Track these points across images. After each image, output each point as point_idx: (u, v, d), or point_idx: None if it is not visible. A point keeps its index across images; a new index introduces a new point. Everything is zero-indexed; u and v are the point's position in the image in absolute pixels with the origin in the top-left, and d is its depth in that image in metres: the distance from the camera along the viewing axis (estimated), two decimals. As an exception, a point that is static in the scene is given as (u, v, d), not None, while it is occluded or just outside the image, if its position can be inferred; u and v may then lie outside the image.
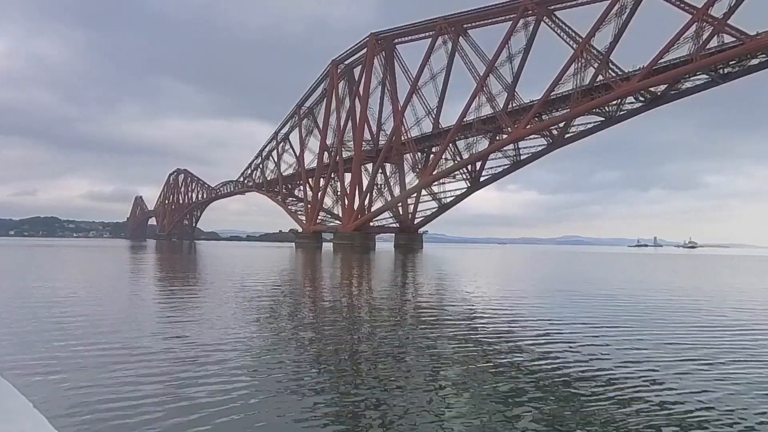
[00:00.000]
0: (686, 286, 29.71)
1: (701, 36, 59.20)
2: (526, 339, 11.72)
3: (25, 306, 15.64)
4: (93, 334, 11.16)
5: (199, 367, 8.41)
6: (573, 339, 11.75)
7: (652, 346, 10.88)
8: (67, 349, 9.58)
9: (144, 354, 9.29)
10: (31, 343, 10.13)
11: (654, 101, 69.28)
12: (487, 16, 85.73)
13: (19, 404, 2.17)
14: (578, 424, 6.25)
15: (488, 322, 14.72)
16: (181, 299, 18.94)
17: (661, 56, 62.26)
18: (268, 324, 13.29)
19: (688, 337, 12.25)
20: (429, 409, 6.69)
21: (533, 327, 13.60)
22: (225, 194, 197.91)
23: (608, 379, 8.26)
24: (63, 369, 8.11)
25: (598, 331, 12.92)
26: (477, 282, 29.92)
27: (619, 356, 9.90)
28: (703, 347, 10.95)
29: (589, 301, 20.07)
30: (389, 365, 8.98)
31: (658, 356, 9.91)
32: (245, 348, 10.02)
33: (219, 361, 8.86)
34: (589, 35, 69.58)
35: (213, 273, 33.81)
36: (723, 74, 61.75)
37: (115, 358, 8.98)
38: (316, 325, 13.44)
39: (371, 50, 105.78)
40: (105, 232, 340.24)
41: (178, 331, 11.68)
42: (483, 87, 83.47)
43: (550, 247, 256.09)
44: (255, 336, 11.31)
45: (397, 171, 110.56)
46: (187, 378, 7.76)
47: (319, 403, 6.82)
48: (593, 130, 77.48)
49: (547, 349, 10.59)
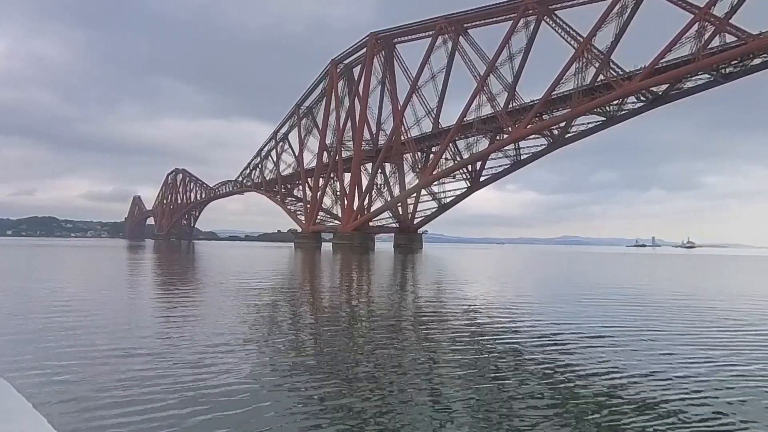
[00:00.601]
0: (697, 285, 29.43)
1: (703, 35, 58.92)
2: (532, 341, 11.57)
3: (21, 306, 15.42)
4: (91, 334, 11.04)
5: (198, 368, 8.33)
6: (578, 340, 11.60)
7: (663, 347, 10.73)
8: (65, 349, 9.52)
9: (143, 355, 9.21)
10: (30, 343, 10.05)
11: (655, 101, 68.99)
12: (488, 16, 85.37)
13: (18, 404, 2.15)
14: (581, 424, 6.18)
15: (494, 323, 14.44)
16: (181, 300, 18.55)
17: (663, 56, 61.98)
18: (271, 325, 13.14)
19: (703, 337, 12.10)
20: (430, 409, 6.65)
21: (540, 329, 13.34)
22: (224, 194, 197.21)
23: (615, 381, 8.13)
24: (62, 369, 8.05)
25: (605, 332, 12.71)
26: (483, 284, 29.56)
27: (628, 359, 9.70)
28: (717, 348, 10.83)
29: (597, 302, 19.71)
30: (391, 366, 8.88)
31: (669, 359, 9.75)
32: (247, 350, 9.90)
33: (219, 362, 8.77)
34: (591, 34, 69.27)
35: (214, 274, 33.38)
36: (725, 74, 61.48)
37: (115, 358, 8.91)
38: (317, 326, 13.30)
39: (371, 50, 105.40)
40: (103, 232, 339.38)
41: (177, 332, 11.58)
42: (483, 86, 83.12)
43: (549, 247, 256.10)
44: (257, 338, 11.10)
45: (396, 171, 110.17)
46: (186, 378, 7.71)
47: (320, 403, 6.81)
48: (594, 129, 77.17)
49: (551, 350, 10.46)
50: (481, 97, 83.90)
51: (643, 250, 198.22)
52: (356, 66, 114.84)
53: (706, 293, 24.32)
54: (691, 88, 66.04)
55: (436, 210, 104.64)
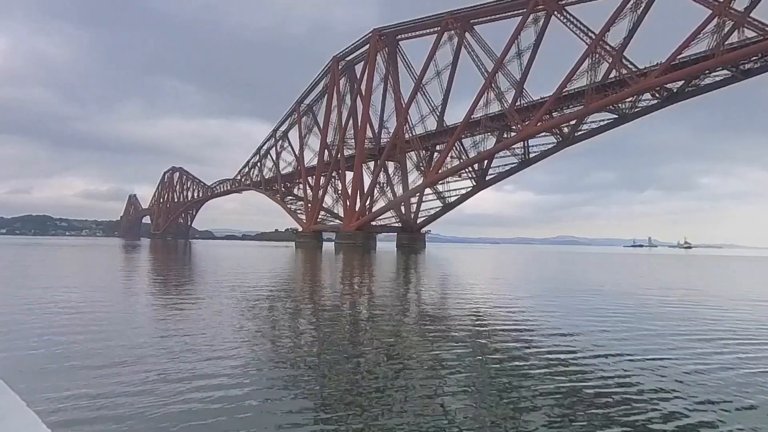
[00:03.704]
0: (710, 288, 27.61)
1: (723, 30, 57.10)
2: (541, 344, 11.19)
3: (17, 305, 14.91)
4: (88, 334, 10.77)
5: (198, 369, 8.18)
6: (583, 341, 11.46)
7: (674, 348, 10.63)
8: (60, 348, 9.39)
9: (141, 355, 8.98)
10: (24, 341, 9.91)
11: (670, 98, 67.12)
12: (496, 12, 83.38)
13: (12, 403, 2.11)
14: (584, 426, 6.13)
15: (506, 325, 13.39)
16: (181, 301, 17.08)
17: (681, 51, 60.10)
18: (276, 327, 12.79)
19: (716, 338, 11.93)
20: (432, 410, 6.59)
21: (550, 333, 12.65)
22: (221, 193, 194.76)
23: (623, 383, 8.04)
24: (57, 368, 7.98)
25: (613, 334, 12.40)
26: (503, 289, 27.61)
27: (638, 361, 9.48)
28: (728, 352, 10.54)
29: (605, 303, 19.10)
30: (393, 368, 8.71)
31: (678, 363, 9.48)
32: (248, 352, 9.63)
33: (219, 362, 8.62)
34: (604, 29, 67.35)
35: (217, 276, 31.14)
36: (744, 70, 59.71)
37: (112, 358, 8.70)
38: (322, 328, 12.92)
39: (374, 46, 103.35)
40: (98, 231, 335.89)
41: (176, 333, 11.26)
42: (492, 83, 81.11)
43: (545, 247, 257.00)
44: (261, 341, 10.76)
45: (399, 169, 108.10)
46: (185, 380, 7.54)
47: (321, 404, 6.77)
48: (605, 127, 75.22)
49: (556, 352, 10.20)
50: (489, 93, 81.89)
51: (640, 251, 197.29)
52: (358, 63, 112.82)
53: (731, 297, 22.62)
54: (708, 85, 64.22)
55: (440, 209, 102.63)
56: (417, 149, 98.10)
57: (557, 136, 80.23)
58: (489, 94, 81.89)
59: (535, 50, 79.20)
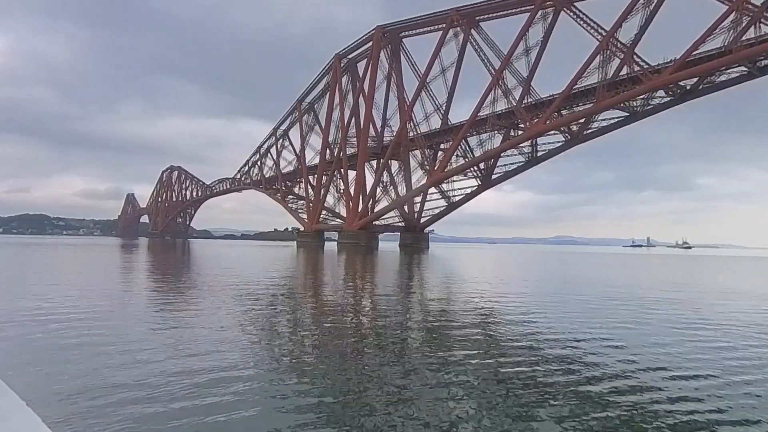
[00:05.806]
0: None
1: (739, 26, 55.63)
2: (547, 345, 10.82)
3: (15, 305, 14.62)
4: (87, 334, 10.57)
5: (198, 368, 8.03)
6: (587, 343, 11.10)
7: (679, 351, 10.38)
8: (60, 348, 9.26)
9: (141, 355, 8.77)
10: (24, 341, 9.80)
11: (683, 96, 65.67)
12: (503, 8, 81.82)
13: (12, 403, 2.10)
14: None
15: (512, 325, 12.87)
16: (182, 301, 16.52)
17: (696, 47, 58.60)
18: (278, 327, 12.51)
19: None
20: (433, 410, 6.46)
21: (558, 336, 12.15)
22: (220, 192, 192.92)
23: (627, 383, 7.89)
24: (57, 368, 7.86)
25: (621, 335, 12.06)
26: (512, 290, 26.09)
27: (647, 362, 9.31)
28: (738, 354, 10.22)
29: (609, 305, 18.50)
30: (397, 371, 8.40)
31: (683, 363, 9.32)
32: (249, 352, 9.44)
33: (219, 362, 8.46)
34: (616, 25, 65.83)
35: (220, 278, 29.48)
36: (761, 67, 58.28)
37: (112, 358, 8.57)
38: (326, 328, 12.62)
39: (377, 43, 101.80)
40: (96, 230, 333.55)
41: (176, 332, 11.10)
42: (499, 81, 79.55)
43: (544, 247, 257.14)
44: (262, 341, 10.54)
45: (402, 168, 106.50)
46: (186, 380, 7.38)
47: (325, 404, 6.61)
48: (616, 125, 73.73)
49: (560, 355, 9.88)
50: (496, 91, 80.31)
51: (639, 251, 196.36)
52: (360, 61, 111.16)
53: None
54: (723, 82, 62.76)
55: (445, 209, 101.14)
56: (421, 148, 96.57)
57: (565, 135, 78.74)
58: (496, 91, 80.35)
59: (543, 47, 77.75)
